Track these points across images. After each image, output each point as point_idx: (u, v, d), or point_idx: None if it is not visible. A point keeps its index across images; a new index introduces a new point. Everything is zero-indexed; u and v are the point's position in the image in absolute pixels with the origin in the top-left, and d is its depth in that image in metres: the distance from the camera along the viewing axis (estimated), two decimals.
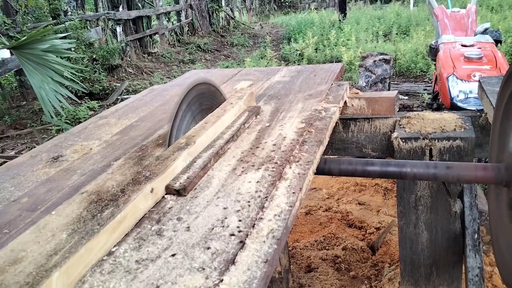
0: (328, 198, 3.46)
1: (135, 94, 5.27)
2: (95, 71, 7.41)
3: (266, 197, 0.94)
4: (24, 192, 1.11)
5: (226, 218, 0.87)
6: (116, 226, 0.82)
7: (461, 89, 3.32)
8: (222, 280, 0.68)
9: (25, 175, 1.22)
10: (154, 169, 1.00)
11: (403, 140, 1.62)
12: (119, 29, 8.85)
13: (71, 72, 4.52)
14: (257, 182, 1.02)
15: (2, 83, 7.07)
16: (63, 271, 0.69)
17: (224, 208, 0.91)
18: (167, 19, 11.77)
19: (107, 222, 0.80)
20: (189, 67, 9.47)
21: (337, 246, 2.70)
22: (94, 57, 7.62)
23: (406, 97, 6.06)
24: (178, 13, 12.20)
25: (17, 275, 0.68)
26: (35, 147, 3.18)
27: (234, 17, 15.29)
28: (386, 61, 4.74)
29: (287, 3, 20.12)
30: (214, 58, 10.61)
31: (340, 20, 11.94)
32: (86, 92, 6.54)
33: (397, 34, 9.74)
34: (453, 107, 3.29)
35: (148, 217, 0.91)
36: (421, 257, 1.75)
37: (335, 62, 7.99)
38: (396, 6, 13.67)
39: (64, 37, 5.03)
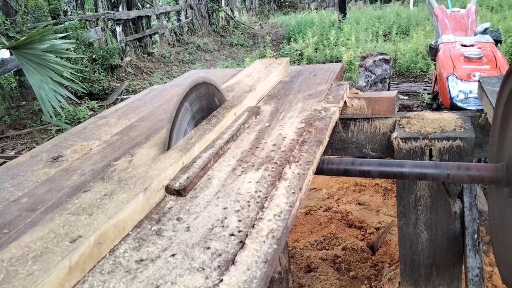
0: (328, 198, 3.46)
1: (135, 94, 5.27)
2: (95, 71, 7.41)
3: (266, 197, 0.94)
4: (24, 192, 1.10)
5: (226, 218, 0.87)
6: (219, 129, 1.32)
7: (461, 89, 3.32)
8: (222, 280, 0.68)
9: (25, 175, 1.22)
10: (233, 102, 1.51)
11: (403, 140, 1.62)
12: (118, 29, 8.84)
13: (70, 72, 4.51)
14: (257, 182, 1.02)
15: (2, 83, 7.07)
16: (199, 145, 1.19)
17: (224, 208, 0.91)
18: (167, 19, 11.77)
19: (215, 125, 1.31)
20: (189, 67, 9.47)
21: (337, 246, 2.70)
22: (93, 57, 7.62)
23: (406, 97, 6.06)
24: (178, 13, 12.19)
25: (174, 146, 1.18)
26: (35, 147, 3.18)
27: (234, 17, 15.28)
28: (386, 61, 4.74)
29: (287, 3, 20.10)
30: (214, 58, 10.61)
31: (340, 20, 11.92)
32: (86, 92, 6.54)
33: (397, 34, 9.73)
34: (453, 107, 3.29)
35: (148, 217, 0.91)
36: (421, 257, 1.75)
37: (335, 62, 7.98)
38: (396, 6, 13.65)
39: (64, 37, 5.03)
